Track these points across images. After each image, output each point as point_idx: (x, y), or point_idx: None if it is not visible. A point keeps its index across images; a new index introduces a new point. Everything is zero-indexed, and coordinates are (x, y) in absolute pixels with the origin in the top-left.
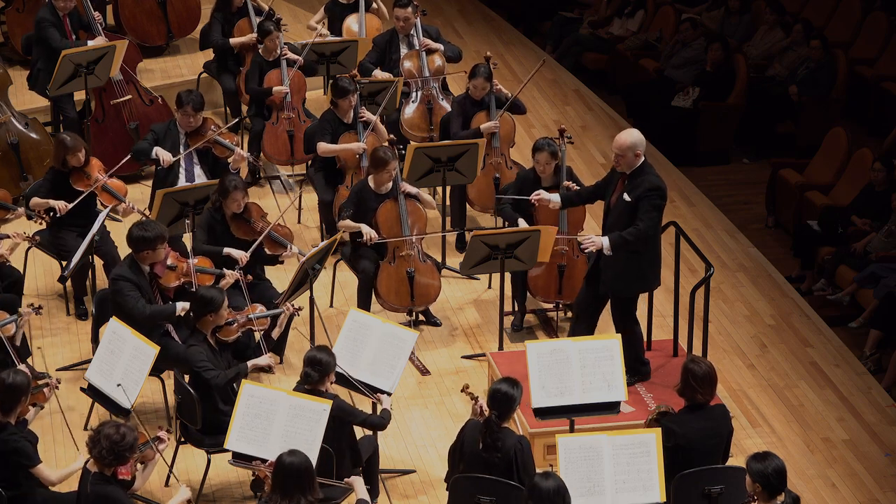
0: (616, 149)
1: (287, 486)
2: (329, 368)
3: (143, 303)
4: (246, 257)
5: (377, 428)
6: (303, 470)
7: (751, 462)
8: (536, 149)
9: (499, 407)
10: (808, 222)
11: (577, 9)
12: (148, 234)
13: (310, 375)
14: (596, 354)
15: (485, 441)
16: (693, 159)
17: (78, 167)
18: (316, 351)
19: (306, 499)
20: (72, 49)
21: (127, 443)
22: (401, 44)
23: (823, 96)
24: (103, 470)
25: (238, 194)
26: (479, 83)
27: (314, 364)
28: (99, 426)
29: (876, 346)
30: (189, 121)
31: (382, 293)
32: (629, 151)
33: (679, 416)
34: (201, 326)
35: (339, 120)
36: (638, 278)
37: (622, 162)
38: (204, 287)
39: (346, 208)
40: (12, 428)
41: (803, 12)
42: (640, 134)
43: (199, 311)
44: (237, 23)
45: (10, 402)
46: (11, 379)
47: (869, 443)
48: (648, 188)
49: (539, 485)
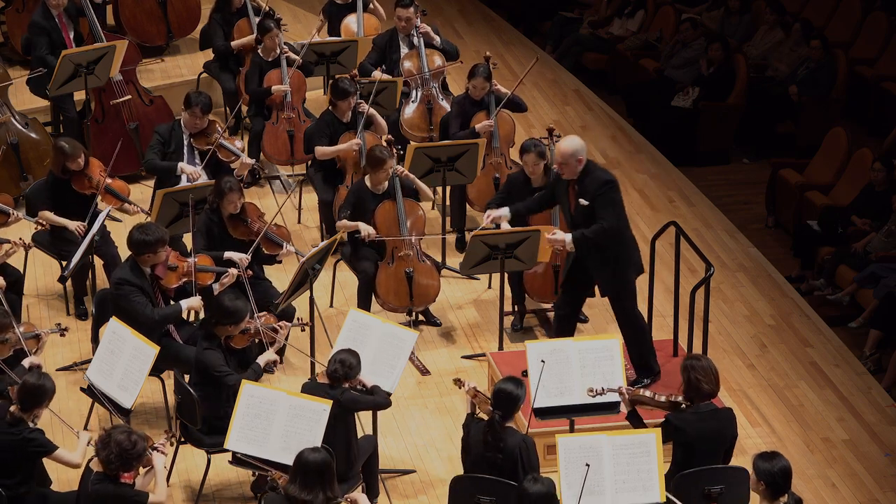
0: (559, 157)
1: (308, 479)
2: (353, 374)
3: (150, 308)
4: (247, 259)
5: (383, 407)
6: (325, 466)
7: (758, 461)
8: (523, 150)
9: (503, 406)
10: (808, 222)
11: (577, 9)
12: (149, 237)
13: (336, 372)
14: (596, 354)
15: (487, 441)
16: (693, 159)
17: (78, 171)
18: (349, 354)
19: (325, 494)
20: (72, 49)
21: (137, 451)
22: (401, 43)
23: (823, 96)
24: (108, 472)
25: (234, 195)
26: (479, 83)
27: (343, 364)
28: (111, 429)
29: (876, 346)
30: (196, 122)
31: (381, 294)
32: (571, 158)
33: (687, 415)
34: (218, 332)
35: (338, 120)
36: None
37: (566, 170)
38: (230, 297)
39: (344, 209)
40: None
41: (803, 12)
42: (580, 140)
43: (223, 320)
44: (237, 23)
45: (32, 403)
46: (41, 381)
47: (869, 443)
48: (599, 185)
49: (527, 489)
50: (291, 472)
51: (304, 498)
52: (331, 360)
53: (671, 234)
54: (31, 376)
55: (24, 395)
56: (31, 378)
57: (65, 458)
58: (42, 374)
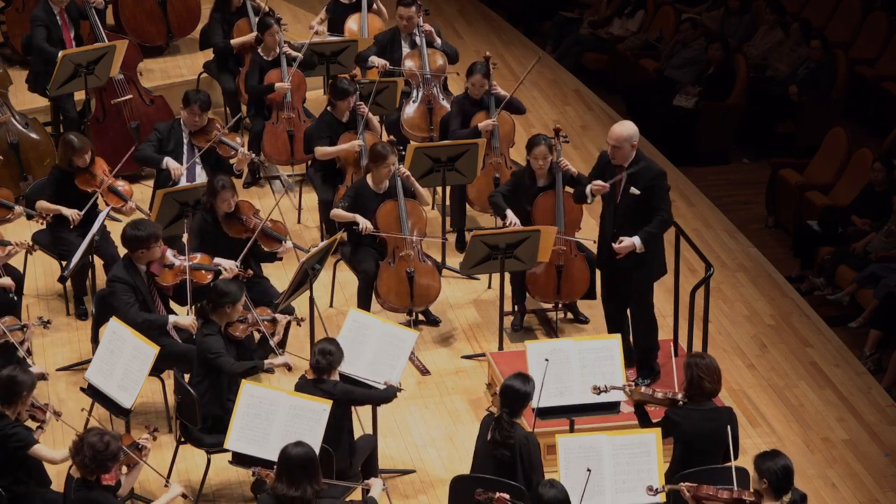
0: (613, 141)
1: (294, 475)
2: (336, 361)
3: (136, 309)
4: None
5: (384, 401)
6: (308, 460)
7: (760, 459)
8: (533, 144)
9: (510, 403)
10: (808, 222)
11: (577, 9)
12: (141, 233)
13: (319, 363)
14: (596, 354)
15: (494, 437)
16: (693, 159)
17: (83, 168)
18: (326, 342)
19: (312, 488)
20: (72, 49)
21: (110, 452)
22: (403, 42)
23: (823, 96)
24: (86, 476)
25: (227, 193)
26: (477, 80)
27: (324, 354)
28: (83, 434)
29: (876, 346)
30: (195, 120)
31: (382, 293)
32: (626, 143)
33: (685, 411)
34: (217, 318)
35: (337, 120)
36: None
37: (619, 154)
38: (223, 280)
39: (343, 200)
40: (7, 419)
41: (803, 12)
42: (633, 125)
43: (218, 300)
44: (236, 23)
45: (10, 396)
46: (16, 374)
47: (869, 443)
48: (653, 175)
49: (543, 494)
50: (276, 471)
51: (293, 495)
52: (311, 354)
53: (671, 234)
54: (6, 369)
55: None
56: (6, 371)
57: (41, 453)
58: (17, 367)
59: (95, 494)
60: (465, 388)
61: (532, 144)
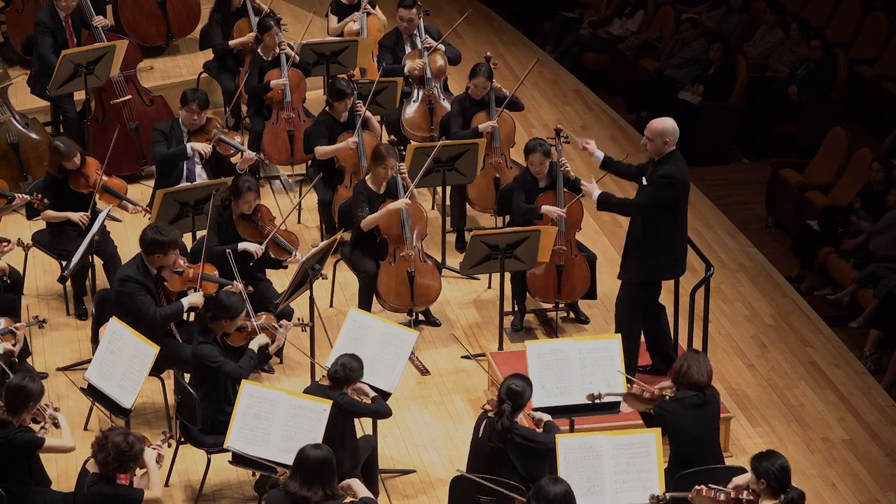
0: (647, 132)
1: (309, 476)
2: (354, 378)
3: (154, 307)
4: (261, 250)
5: (383, 416)
6: (326, 463)
7: (756, 460)
8: (529, 150)
9: (513, 400)
10: (808, 222)
11: (577, 9)
12: (163, 237)
13: (337, 373)
14: (596, 354)
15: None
16: (693, 159)
17: (74, 170)
18: (351, 358)
19: (324, 491)
20: (72, 49)
21: (134, 453)
22: (405, 43)
23: (823, 96)
24: (103, 472)
25: (251, 196)
26: (480, 82)
27: (345, 367)
28: (108, 430)
29: (876, 346)
30: (193, 118)
31: (383, 293)
32: (658, 137)
33: (671, 404)
34: (213, 327)
35: (335, 121)
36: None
37: (650, 146)
38: (226, 293)
39: (360, 208)
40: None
41: (803, 12)
42: (674, 123)
43: (218, 314)
44: (236, 23)
45: (18, 404)
46: (26, 384)
47: (869, 443)
48: (661, 174)
49: (545, 488)
50: (292, 469)
51: (303, 494)
52: (333, 363)
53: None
54: (16, 377)
55: (8, 397)
56: (16, 379)
57: (55, 446)
58: (27, 375)
59: (109, 489)
60: (465, 388)
61: (528, 151)
